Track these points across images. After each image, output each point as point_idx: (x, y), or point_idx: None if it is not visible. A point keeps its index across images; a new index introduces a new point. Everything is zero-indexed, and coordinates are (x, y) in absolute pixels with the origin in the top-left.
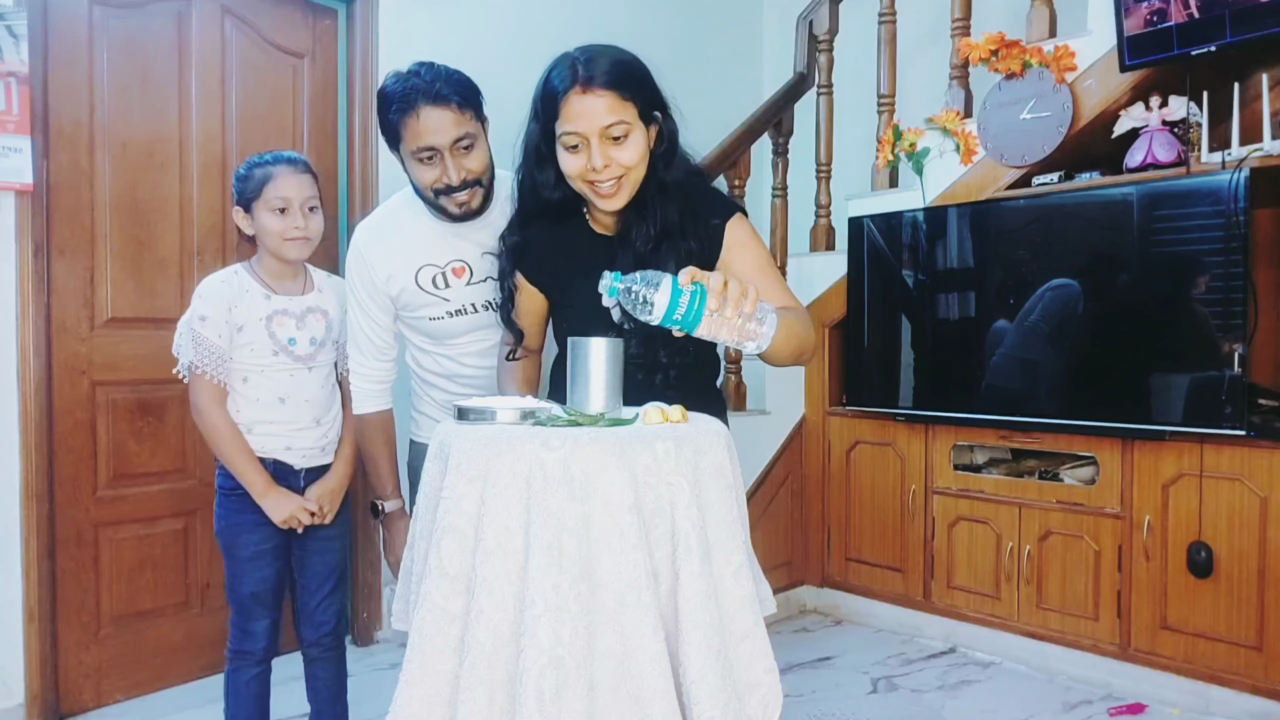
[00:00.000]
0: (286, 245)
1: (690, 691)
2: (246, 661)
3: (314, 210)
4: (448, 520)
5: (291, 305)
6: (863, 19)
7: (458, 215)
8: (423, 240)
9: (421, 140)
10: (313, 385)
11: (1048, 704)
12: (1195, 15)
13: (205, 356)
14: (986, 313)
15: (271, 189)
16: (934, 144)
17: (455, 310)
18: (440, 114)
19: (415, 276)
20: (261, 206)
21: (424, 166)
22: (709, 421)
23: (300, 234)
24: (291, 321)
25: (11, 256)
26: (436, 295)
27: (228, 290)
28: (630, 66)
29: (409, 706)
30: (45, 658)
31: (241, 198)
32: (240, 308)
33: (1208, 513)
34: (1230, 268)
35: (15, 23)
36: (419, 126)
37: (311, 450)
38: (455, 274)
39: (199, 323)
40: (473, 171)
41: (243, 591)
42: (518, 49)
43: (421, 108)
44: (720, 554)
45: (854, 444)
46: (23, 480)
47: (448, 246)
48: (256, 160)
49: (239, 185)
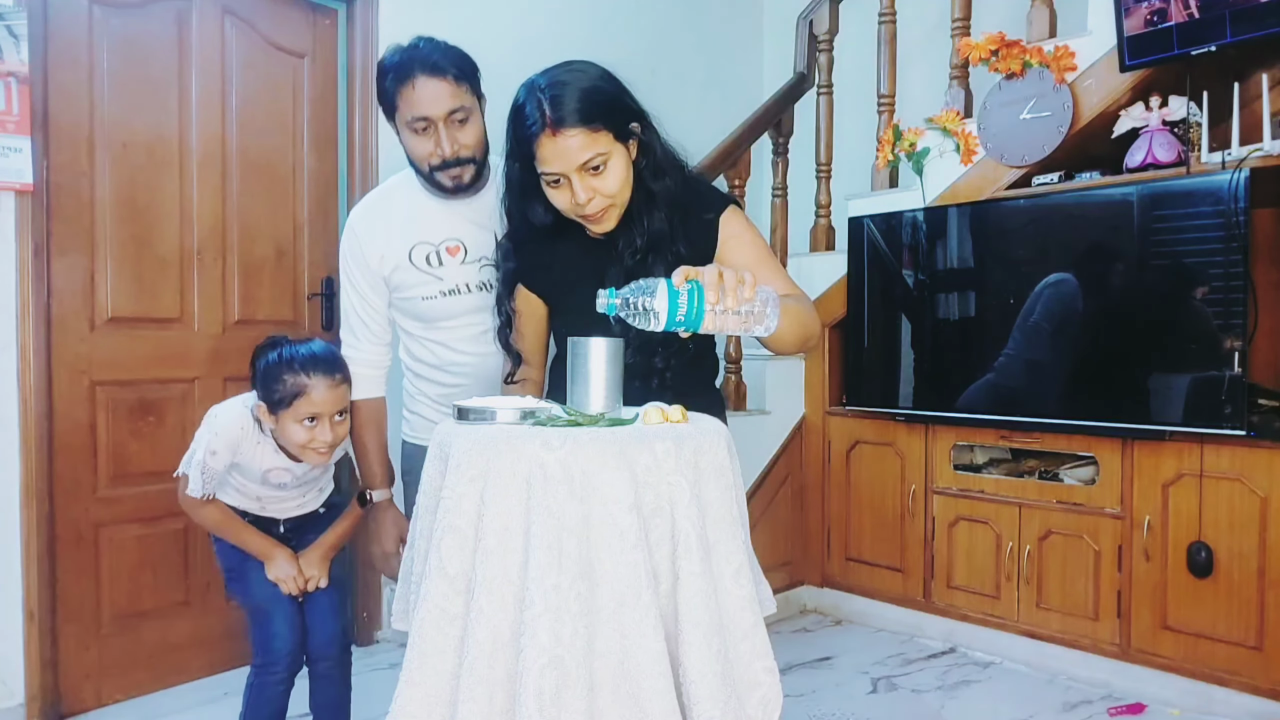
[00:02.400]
0: (308, 454)
1: (690, 691)
2: (273, 674)
3: (344, 417)
4: (448, 520)
5: (295, 467)
6: (863, 19)
7: (450, 189)
8: (418, 217)
9: (416, 110)
10: (294, 496)
11: (1048, 704)
12: (1195, 15)
13: (209, 483)
14: (986, 312)
15: (304, 404)
16: (934, 144)
17: (449, 290)
18: (436, 85)
19: (409, 254)
20: (289, 416)
21: (418, 138)
22: (709, 421)
23: (327, 444)
24: (289, 475)
25: (11, 256)
26: (430, 274)
27: (242, 437)
28: (597, 94)
29: (409, 706)
30: (45, 658)
31: (267, 397)
32: (244, 453)
33: (1208, 513)
34: (1230, 268)
35: (15, 23)
36: (414, 96)
37: (288, 510)
38: (449, 252)
39: (210, 457)
40: (466, 146)
41: (255, 594)
42: (518, 49)
43: (418, 77)
44: (720, 554)
45: (854, 444)
46: (23, 480)
47: (443, 224)
48: (289, 357)
49: (264, 381)
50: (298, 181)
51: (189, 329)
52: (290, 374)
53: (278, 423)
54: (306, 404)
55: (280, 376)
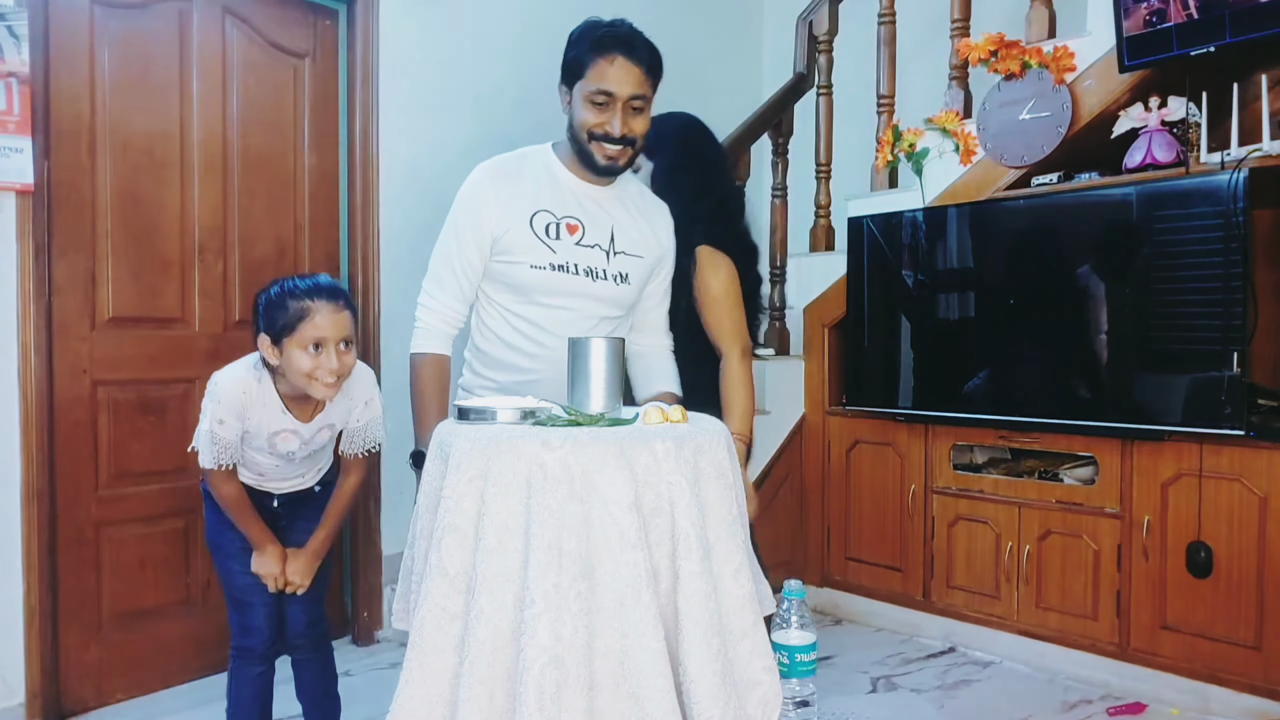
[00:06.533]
0: (314, 384)
1: (690, 690)
2: (249, 658)
3: (349, 348)
4: (448, 520)
5: (303, 428)
6: (863, 19)
7: (601, 167)
8: (548, 186)
9: (605, 84)
10: (296, 469)
11: (1047, 703)
12: (1194, 15)
13: (223, 453)
14: (986, 312)
15: (309, 327)
16: (933, 144)
17: (559, 265)
18: (631, 69)
19: (530, 219)
20: (294, 343)
21: (594, 109)
22: (709, 421)
23: (333, 373)
24: (296, 440)
25: (12, 256)
26: (546, 243)
27: (245, 400)
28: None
29: (409, 705)
30: (46, 657)
31: (270, 327)
32: (252, 416)
33: (1207, 513)
34: (1229, 268)
35: (16, 23)
36: (608, 71)
37: (284, 485)
38: (569, 229)
39: (218, 426)
40: (634, 131)
41: (235, 584)
42: (517, 49)
43: (617, 56)
44: (720, 553)
45: (854, 444)
46: (23, 479)
47: (569, 200)
48: (291, 287)
49: (268, 312)
50: (298, 181)
51: (190, 328)
52: (293, 300)
53: (283, 355)
54: (310, 328)
55: (283, 304)
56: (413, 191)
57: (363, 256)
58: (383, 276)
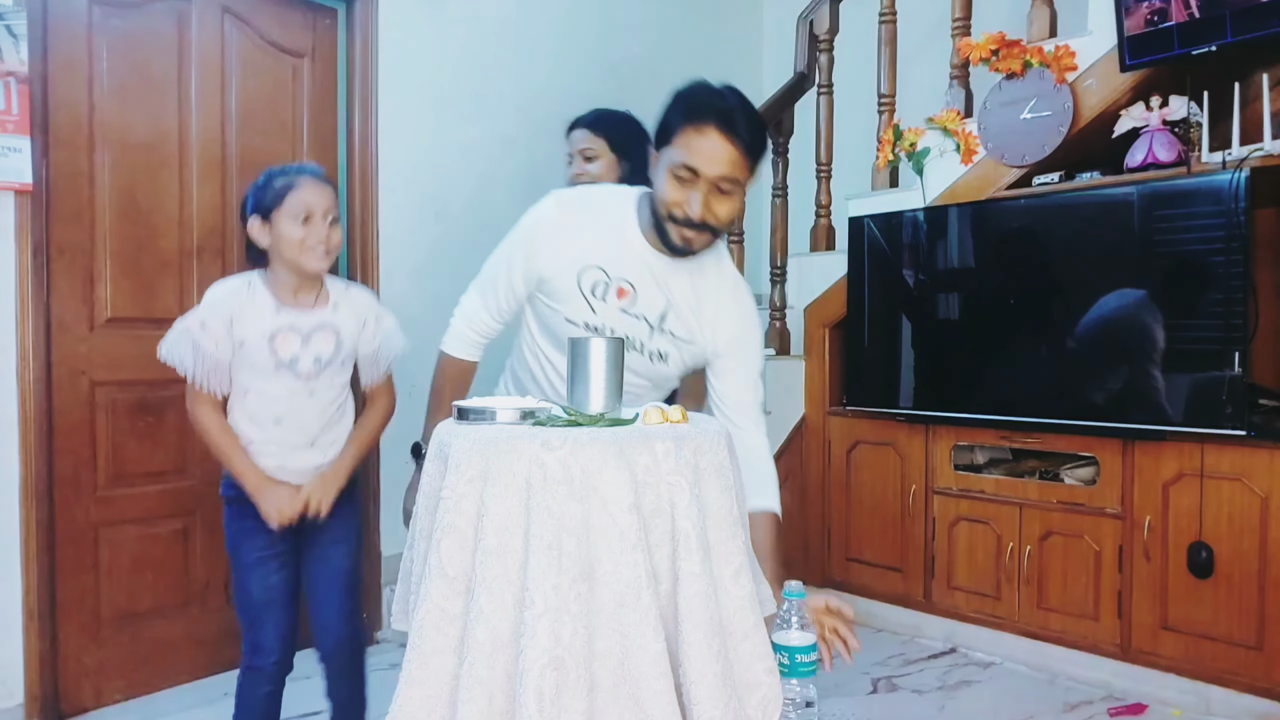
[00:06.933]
0: (306, 255)
1: (690, 692)
2: (259, 677)
3: (335, 223)
4: (447, 520)
5: (300, 321)
6: (863, 19)
7: (675, 247)
8: (615, 244)
9: (691, 159)
10: (312, 410)
11: (1048, 704)
12: (1195, 15)
13: (200, 365)
14: (987, 312)
15: (295, 197)
16: (934, 144)
17: (595, 326)
18: (725, 147)
19: (579, 275)
20: (283, 215)
21: (675, 183)
22: (709, 421)
23: (321, 244)
24: (297, 339)
25: (11, 256)
26: (588, 301)
27: (234, 301)
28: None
29: (409, 706)
30: (45, 658)
31: (259, 206)
32: (244, 321)
33: (1208, 513)
34: (1231, 268)
35: (15, 22)
36: (697, 144)
37: (305, 472)
38: (619, 294)
39: (198, 328)
40: (716, 217)
41: (250, 599)
42: (517, 50)
43: (711, 129)
44: (720, 554)
45: (854, 444)
46: (22, 480)
47: (633, 265)
48: (277, 170)
49: (257, 194)
50: None
51: None
52: (280, 177)
53: (273, 231)
54: (296, 199)
55: (270, 184)
56: (412, 191)
57: (362, 257)
58: (382, 277)
